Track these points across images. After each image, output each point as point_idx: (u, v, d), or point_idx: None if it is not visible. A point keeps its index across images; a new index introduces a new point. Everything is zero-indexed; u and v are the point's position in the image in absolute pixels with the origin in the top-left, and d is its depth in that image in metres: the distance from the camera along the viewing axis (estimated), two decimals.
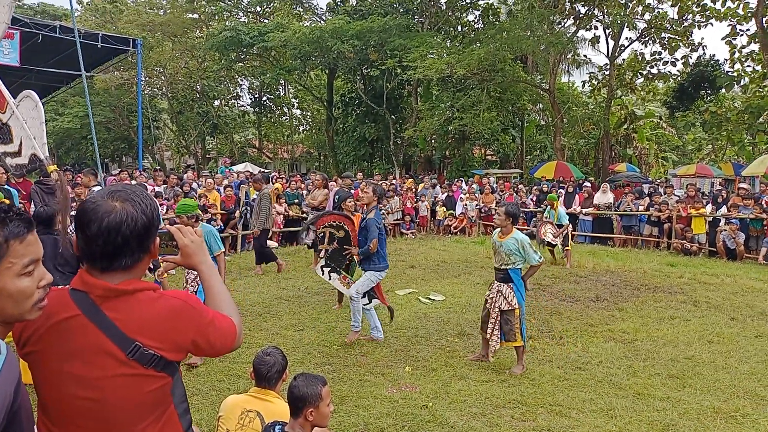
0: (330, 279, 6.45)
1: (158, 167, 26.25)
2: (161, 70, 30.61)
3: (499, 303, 5.35)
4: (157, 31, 28.48)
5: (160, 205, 10.59)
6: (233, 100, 36.70)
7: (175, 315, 1.53)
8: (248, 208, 11.68)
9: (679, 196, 14.72)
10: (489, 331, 5.41)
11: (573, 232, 11.72)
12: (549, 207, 11.58)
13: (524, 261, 5.32)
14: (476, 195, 16.81)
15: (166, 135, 39.13)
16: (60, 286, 1.60)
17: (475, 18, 28.50)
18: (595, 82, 27.05)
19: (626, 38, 25.47)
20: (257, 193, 10.41)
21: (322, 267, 6.47)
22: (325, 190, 10.68)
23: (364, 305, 6.10)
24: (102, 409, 1.47)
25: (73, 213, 1.87)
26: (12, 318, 1.32)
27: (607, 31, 24.63)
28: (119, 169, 15.47)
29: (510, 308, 5.29)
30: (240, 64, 30.64)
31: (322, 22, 29.30)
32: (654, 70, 25.17)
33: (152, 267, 7.69)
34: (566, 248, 11.04)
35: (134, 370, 1.47)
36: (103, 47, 17.55)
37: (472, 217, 16.10)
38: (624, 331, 6.69)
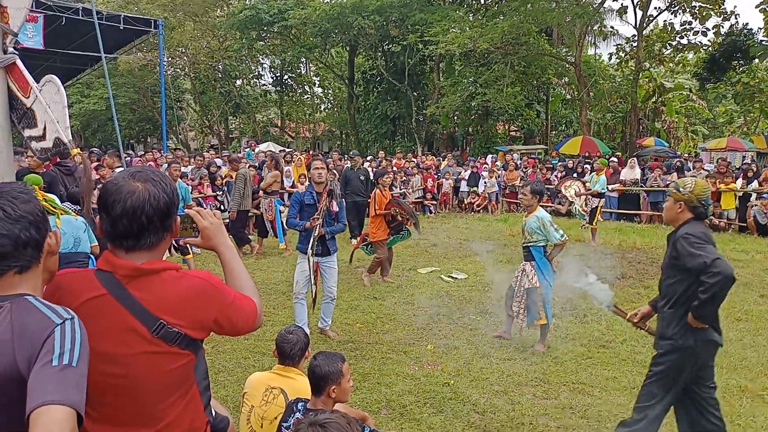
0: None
1: (180, 147, 26.52)
2: (183, 51, 30.70)
3: (523, 281, 5.35)
4: (179, 11, 28.48)
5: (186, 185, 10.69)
6: (255, 80, 36.69)
7: (198, 294, 1.56)
8: (226, 189, 11.27)
9: (708, 171, 14.37)
10: (515, 309, 5.42)
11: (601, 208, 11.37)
12: (594, 172, 11.21)
13: (546, 239, 5.28)
14: (500, 172, 16.66)
15: (190, 115, 39.41)
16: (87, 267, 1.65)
17: None
18: (623, 54, 26.32)
19: (655, 8, 24.63)
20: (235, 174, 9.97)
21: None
22: (275, 172, 10.09)
23: (300, 297, 5.56)
24: (130, 385, 1.52)
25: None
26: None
27: (635, 1, 23.87)
28: (143, 151, 15.67)
29: (532, 286, 5.28)
30: (261, 42, 30.56)
31: None
32: (684, 41, 24.34)
33: (175, 247, 7.82)
34: (592, 225, 10.84)
35: (159, 347, 1.51)
36: (125, 29, 17.65)
37: (491, 194, 15.96)
38: None
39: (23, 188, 1.43)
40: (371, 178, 13.23)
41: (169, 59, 29.90)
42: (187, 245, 7.83)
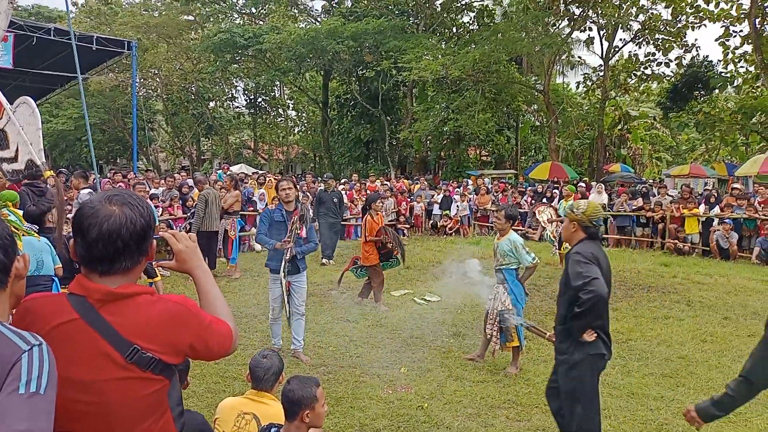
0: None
1: (151, 168, 26.18)
2: (156, 72, 30.58)
3: (496, 304, 5.40)
4: (152, 33, 28.39)
5: (156, 207, 10.56)
6: (228, 102, 36.66)
7: (173, 319, 1.54)
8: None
9: (672, 197, 14.80)
10: (488, 331, 5.46)
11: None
12: (563, 198, 11.49)
13: (518, 262, 5.36)
14: (472, 196, 16.87)
15: (161, 136, 39.06)
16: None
17: (470, 20, 28.60)
18: (590, 83, 27.18)
19: (620, 39, 25.59)
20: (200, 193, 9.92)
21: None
22: (236, 191, 10.18)
23: (276, 319, 5.70)
24: (102, 412, 1.48)
25: (69, 216, 1.88)
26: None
27: (602, 33, 24.74)
28: (112, 171, 15.41)
29: (505, 309, 5.33)
30: (235, 65, 30.60)
31: (317, 23, 29.33)
32: (648, 71, 25.30)
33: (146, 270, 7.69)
34: (560, 251, 10.98)
35: (133, 373, 1.48)
36: (97, 49, 17.47)
37: (463, 217, 16.14)
38: (618, 330, 6.73)
39: None
40: (344, 200, 13.28)
41: (142, 80, 29.73)
42: (155, 267, 7.70)
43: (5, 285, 1.38)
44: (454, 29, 28.91)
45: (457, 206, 16.18)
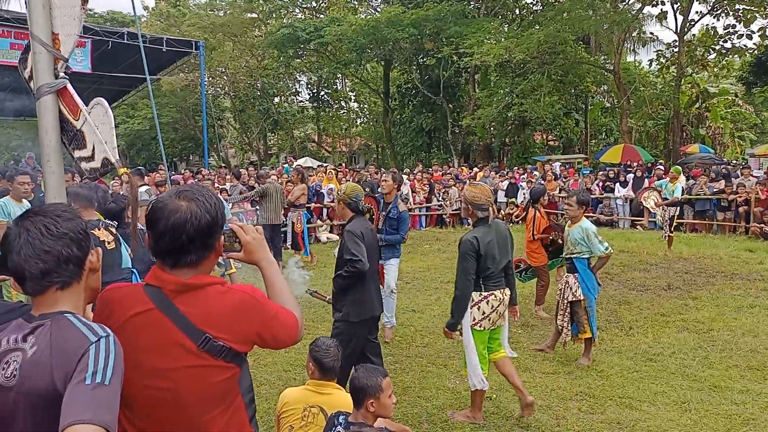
0: None
1: (223, 164, 27.09)
2: (223, 70, 31.53)
3: (566, 294, 5.24)
4: (218, 32, 29.29)
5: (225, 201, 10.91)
6: (292, 96, 37.33)
7: (242, 308, 1.59)
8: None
9: (758, 177, 13.84)
10: (560, 322, 5.31)
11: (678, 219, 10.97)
12: (667, 179, 10.98)
13: (590, 251, 5.16)
14: (540, 182, 16.42)
15: (230, 133, 40.32)
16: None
17: (534, 0, 27.72)
18: (664, 60, 25.74)
19: (696, 12, 23.99)
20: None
21: None
22: (302, 185, 10.16)
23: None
24: (175, 398, 1.54)
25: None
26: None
27: (675, 6, 23.33)
28: (186, 168, 16.08)
29: (576, 299, 5.16)
30: (298, 60, 31.11)
31: (377, 13, 29.31)
32: (728, 45, 23.63)
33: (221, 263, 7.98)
34: (671, 234, 10.48)
35: (205, 361, 1.53)
36: (167, 50, 18.19)
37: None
38: (698, 320, 6.39)
39: (66, 207, 1.49)
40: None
41: (210, 79, 30.73)
42: (230, 260, 7.95)
43: (79, 277, 1.44)
44: (517, 11, 28.13)
45: (524, 193, 15.80)
